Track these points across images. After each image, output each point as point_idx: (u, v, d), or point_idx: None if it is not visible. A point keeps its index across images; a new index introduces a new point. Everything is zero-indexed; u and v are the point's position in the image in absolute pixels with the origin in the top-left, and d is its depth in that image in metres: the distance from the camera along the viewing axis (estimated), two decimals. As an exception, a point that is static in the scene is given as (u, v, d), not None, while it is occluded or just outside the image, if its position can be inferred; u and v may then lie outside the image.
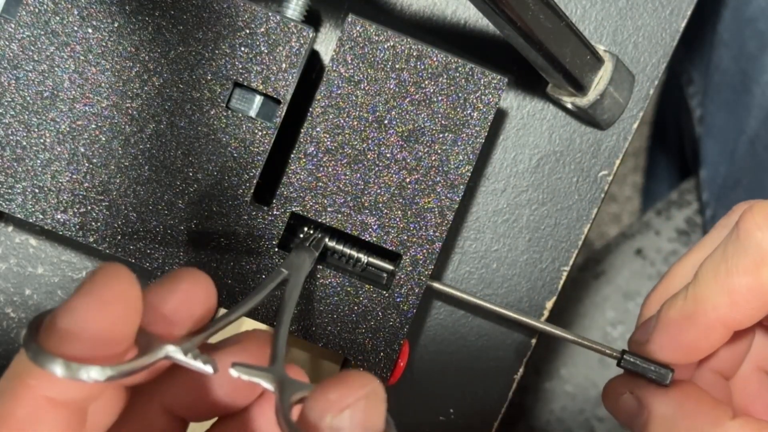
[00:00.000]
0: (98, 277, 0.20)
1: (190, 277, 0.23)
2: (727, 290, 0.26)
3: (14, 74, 0.29)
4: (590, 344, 0.31)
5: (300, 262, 0.28)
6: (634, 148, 0.99)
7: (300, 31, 0.29)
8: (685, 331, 0.28)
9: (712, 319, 0.27)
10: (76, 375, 0.18)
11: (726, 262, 0.27)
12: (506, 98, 0.34)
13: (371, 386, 0.20)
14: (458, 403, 0.36)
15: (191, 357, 0.20)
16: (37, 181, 0.29)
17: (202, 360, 0.21)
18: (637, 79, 0.34)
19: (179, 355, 0.20)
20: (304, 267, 0.28)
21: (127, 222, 0.30)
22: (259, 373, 0.21)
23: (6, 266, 0.34)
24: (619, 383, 0.30)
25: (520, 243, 0.35)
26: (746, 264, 0.26)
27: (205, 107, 0.29)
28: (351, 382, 0.20)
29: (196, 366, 0.21)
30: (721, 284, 0.27)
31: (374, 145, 0.30)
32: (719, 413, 0.27)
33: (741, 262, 0.26)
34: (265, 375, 0.21)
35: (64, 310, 0.20)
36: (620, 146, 0.35)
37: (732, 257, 0.26)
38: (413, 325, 0.35)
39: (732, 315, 0.27)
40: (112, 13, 0.29)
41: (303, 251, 0.28)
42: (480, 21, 0.34)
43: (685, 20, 0.34)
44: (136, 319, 0.20)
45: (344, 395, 0.20)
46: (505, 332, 0.35)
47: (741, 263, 0.26)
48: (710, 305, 0.27)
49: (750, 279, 0.26)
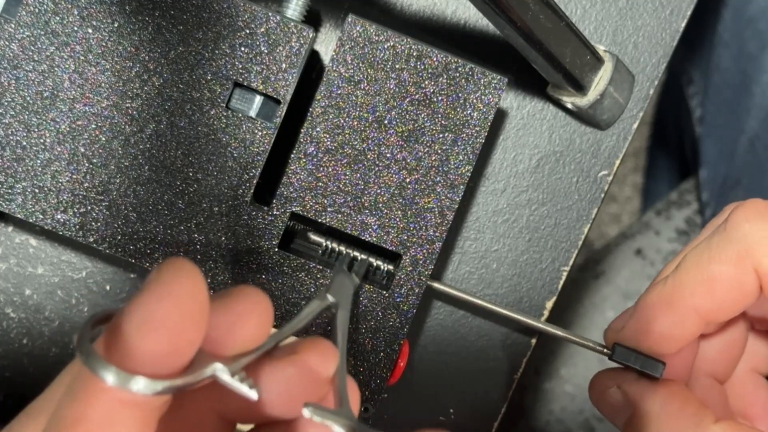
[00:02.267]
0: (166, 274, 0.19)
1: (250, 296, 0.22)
2: (707, 278, 0.26)
3: (14, 74, 0.29)
4: (583, 342, 0.31)
5: (344, 289, 0.27)
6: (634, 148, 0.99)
7: (300, 31, 0.29)
8: (660, 317, 0.27)
9: (687, 306, 0.27)
10: (126, 385, 0.18)
11: (709, 251, 0.26)
12: (506, 98, 0.34)
13: None
14: (458, 403, 0.36)
15: (238, 379, 0.20)
16: (37, 181, 0.29)
17: (248, 384, 0.20)
18: (637, 79, 0.34)
19: (226, 377, 0.20)
20: (348, 294, 0.27)
21: (127, 222, 0.30)
22: (332, 417, 0.21)
23: (6, 266, 0.34)
24: (606, 377, 0.30)
25: (520, 243, 0.35)
26: (729, 254, 0.26)
27: (205, 107, 0.29)
28: None
29: (241, 390, 0.20)
30: (702, 271, 0.26)
31: (374, 145, 0.30)
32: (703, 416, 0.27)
33: (724, 251, 0.26)
34: (338, 419, 0.21)
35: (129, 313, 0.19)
36: (620, 146, 0.35)
37: (716, 246, 0.26)
38: (413, 325, 0.35)
39: (707, 304, 0.27)
40: (112, 13, 0.29)
41: (344, 276, 0.28)
42: (480, 21, 0.34)
43: (685, 20, 0.34)
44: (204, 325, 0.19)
45: None
46: (505, 332, 0.35)
47: (724, 253, 0.26)
48: (687, 291, 0.27)
49: (730, 269, 0.26)
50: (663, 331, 0.28)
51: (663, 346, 0.28)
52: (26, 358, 0.35)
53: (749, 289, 0.26)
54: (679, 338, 0.28)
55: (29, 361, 0.35)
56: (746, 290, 0.26)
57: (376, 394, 0.30)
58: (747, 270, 0.26)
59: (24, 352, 0.35)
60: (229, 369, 0.20)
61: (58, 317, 0.35)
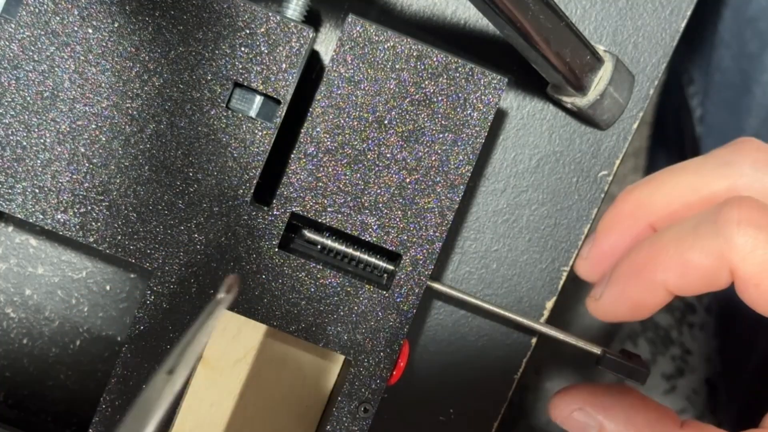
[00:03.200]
0: None
1: None
2: (683, 261, 0.27)
3: (14, 74, 0.29)
4: (586, 346, 0.31)
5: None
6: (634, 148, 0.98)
7: (300, 31, 0.29)
8: (634, 286, 0.28)
9: (658, 280, 0.28)
10: None
11: (693, 237, 0.27)
12: (506, 98, 0.34)
13: None
14: (458, 403, 0.36)
15: None
16: (37, 181, 0.29)
17: None
18: (637, 79, 0.34)
19: None
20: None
21: (127, 222, 0.30)
22: None
23: (6, 266, 0.34)
24: (566, 400, 0.31)
25: (520, 243, 0.35)
26: (711, 248, 0.26)
27: (205, 107, 0.29)
28: None
29: None
30: (680, 253, 0.27)
31: (374, 145, 0.30)
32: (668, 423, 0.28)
33: (707, 244, 0.27)
34: None
35: None
36: (620, 146, 0.35)
37: (702, 236, 0.27)
38: (413, 325, 0.35)
39: (677, 283, 0.27)
40: (112, 13, 0.29)
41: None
42: (480, 21, 0.34)
43: (685, 20, 0.34)
44: None
45: None
46: (505, 332, 0.35)
47: (707, 245, 0.27)
48: (661, 268, 0.27)
49: (708, 262, 0.27)
50: (636, 300, 0.29)
51: (638, 314, 0.29)
52: (26, 358, 0.35)
53: (720, 282, 0.27)
54: (650, 306, 0.29)
55: (29, 361, 0.35)
56: (717, 283, 0.27)
57: (376, 394, 0.30)
58: (723, 267, 0.26)
59: (24, 352, 0.35)
60: None
61: (58, 317, 0.35)
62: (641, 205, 0.30)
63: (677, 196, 0.29)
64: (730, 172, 0.28)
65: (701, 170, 0.29)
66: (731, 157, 0.29)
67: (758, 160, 0.28)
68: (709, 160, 0.29)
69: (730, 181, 0.28)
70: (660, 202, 0.29)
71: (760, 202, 0.27)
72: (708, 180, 0.29)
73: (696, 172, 0.29)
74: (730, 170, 0.28)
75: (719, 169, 0.29)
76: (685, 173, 0.29)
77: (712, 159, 0.29)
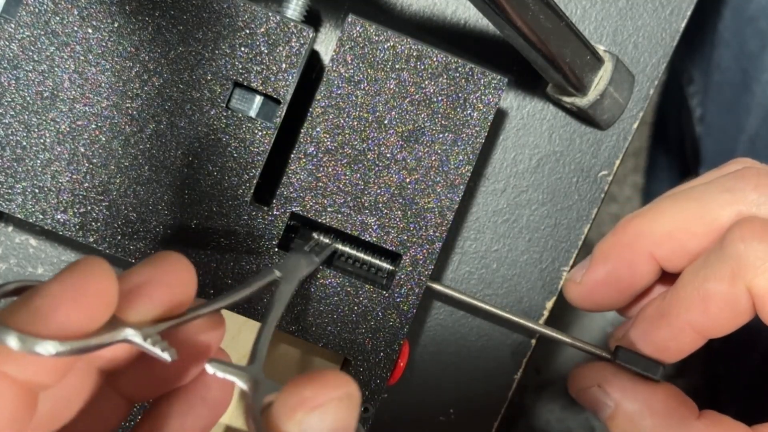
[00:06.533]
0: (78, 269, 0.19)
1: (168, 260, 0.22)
2: (702, 295, 0.27)
3: (14, 74, 0.29)
4: (585, 347, 0.31)
5: (295, 266, 0.27)
6: (634, 148, 0.98)
7: (300, 31, 0.29)
8: (657, 329, 0.28)
9: (683, 320, 0.27)
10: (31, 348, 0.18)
11: (705, 269, 0.27)
12: (506, 98, 0.34)
13: (348, 388, 0.19)
14: (458, 403, 0.36)
15: (150, 342, 0.20)
16: (37, 181, 0.29)
17: (160, 347, 0.20)
18: (637, 79, 0.34)
19: (138, 339, 0.20)
20: (298, 271, 0.27)
21: (127, 222, 0.30)
22: (235, 372, 0.21)
23: (6, 266, 0.34)
24: (586, 375, 0.31)
25: (520, 243, 0.35)
26: (723, 272, 0.26)
27: (205, 107, 0.29)
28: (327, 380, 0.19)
29: (153, 352, 0.20)
30: (698, 288, 0.27)
31: (374, 145, 0.30)
32: (685, 412, 0.28)
33: (719, 270, 0.26)
34: (241, 374, 0.21)
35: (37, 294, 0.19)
36: (620, 146, 0.35)
37: (712, 264, 0.27)
38: (413, 325, 0.35)
39: (702, 320, 0.27)
40: (112, 13, 0.29)
41: (301, 256, 0.28)
42: (480, 21, 0.34)
43: (685, 20, 0.34)
44: (106, 315, 0.19)
45: (318, 393, 0.19)
46: (505, 332, 0.35)
47: (719, 271, 0.26)
48: (683, 307, 0.27)
49: (725, 287, 0.26)
50: (661, 344, 0.28)
51: (663, 357, 0.29)
52: (26, 358, 0.35)
53: (743, 309, 0.27)
54: (678, 351, 0.28)
55: (29, 361, 0.35)
56: (740, 309, 0.27)
57: (376, 394, 0.30)
58: (740, 289, 0.26)
59: (24, 352, 0.35)
60: (141, 333, 0.20)
61: (58, 317, 0.35)
62: (641, 234, 0.29)
63: (680, 225, 0.28)
64: (734, 198, 0.28)
65: (704, 197, 0.28)
66: (734, 183, 0.28)
67: (761, 185, 0.28)
68: (711, 188, 0.29)
69: (734, 208, 0.28)
70: (661, 231, 0.29)
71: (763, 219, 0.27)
72: (712, 207, 0.28)
73: (699, 199, 0.29)
74: (733, 197, 0.28)
75: (723, 195, 0.28)
76: (687, 201, 0.29)
77: (714, 186, 0.29)
